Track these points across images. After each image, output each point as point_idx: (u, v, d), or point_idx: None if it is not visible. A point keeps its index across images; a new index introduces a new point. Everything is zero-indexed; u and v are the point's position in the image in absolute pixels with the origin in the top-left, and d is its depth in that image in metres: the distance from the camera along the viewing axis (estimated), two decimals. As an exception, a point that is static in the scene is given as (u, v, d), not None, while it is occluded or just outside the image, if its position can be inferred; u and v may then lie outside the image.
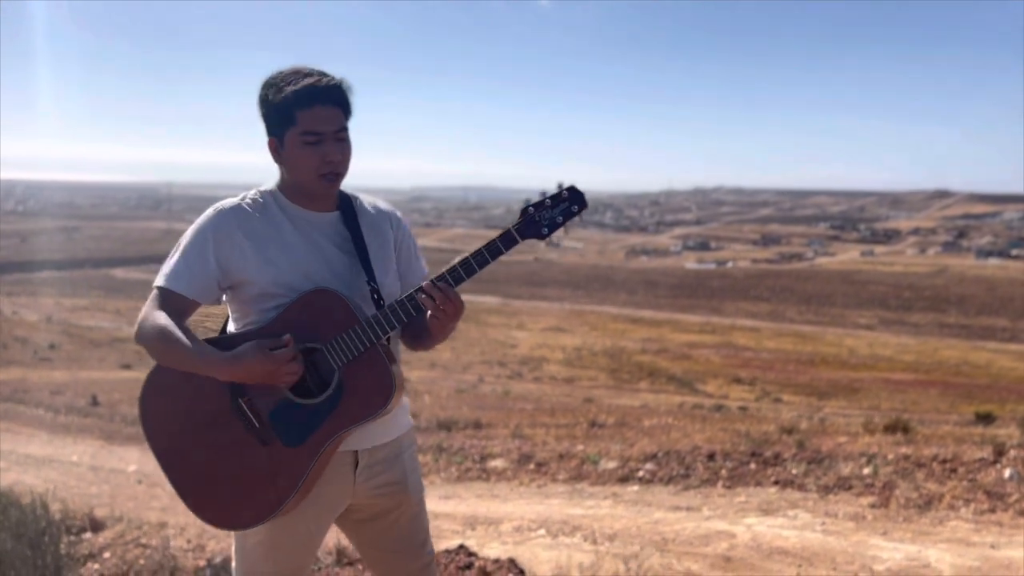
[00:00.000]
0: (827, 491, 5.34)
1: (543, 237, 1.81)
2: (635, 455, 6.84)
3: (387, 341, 1.86)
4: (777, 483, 5.63)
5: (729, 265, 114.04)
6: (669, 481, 6.01)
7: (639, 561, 4.01)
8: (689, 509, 5.21)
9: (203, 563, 3.76)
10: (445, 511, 5.41)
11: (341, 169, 1.85)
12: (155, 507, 5.73)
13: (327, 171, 1.83)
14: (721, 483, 5.80)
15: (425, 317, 1.85)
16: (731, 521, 4.80)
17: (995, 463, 5.57)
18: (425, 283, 1.81)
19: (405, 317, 1.82)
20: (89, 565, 3.80)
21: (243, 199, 1.89)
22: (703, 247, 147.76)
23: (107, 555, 3.94)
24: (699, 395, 31.25)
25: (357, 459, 1.94)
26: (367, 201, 2.02)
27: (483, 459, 7.50)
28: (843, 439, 7.33)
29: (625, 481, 6.17)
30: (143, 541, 4.17)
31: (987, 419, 12.68)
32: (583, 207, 1.82)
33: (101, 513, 4.63)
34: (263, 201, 1.89)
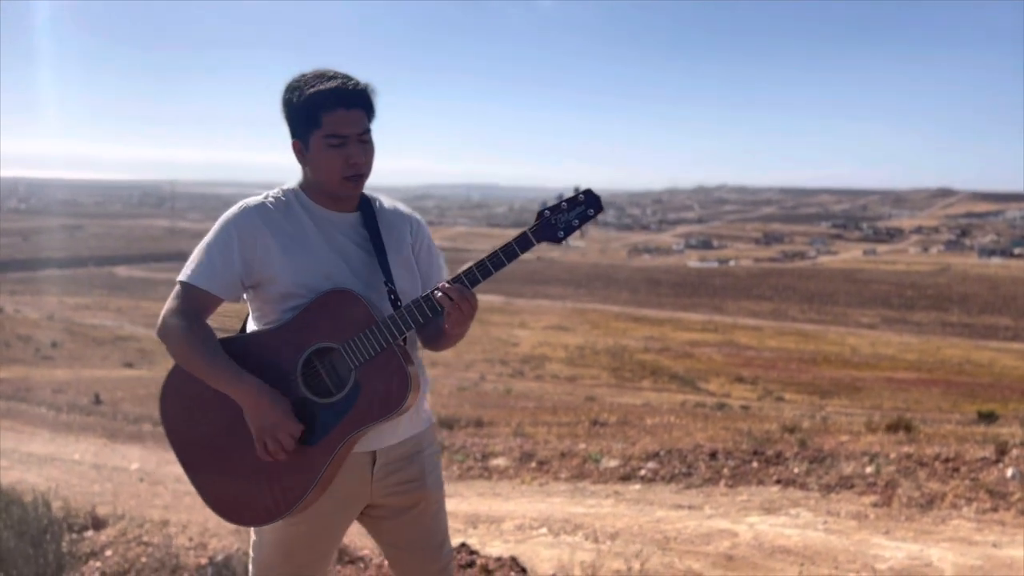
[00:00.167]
0: (829, 490, 5.34)
1: (559, 240, 1.80)
2: (637, 454, 6.84)
3: (404, 341, 1.87)
4: (779, 482, 5.63)
5: (731, 264, 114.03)
6: (671, 480, 6.01)
7: (641, 560, 4.01)
8: (691, 508, 5.21)
9: (205, 561, 3.76)
10: (447, 509, 5.40)
11: (364, 171, 1.87)
12: (157, 505, 5.73)
13: (351, 173, 1.84)
14: (723, 482, 5.80)
15: (441, 318, 1.85)
16: (733, 520, 4.80)
17: (997, 462, 5.56)
18: (441, 283, 1.82)
19: (422, 317, 1.83)
20: (91, 563, 3.80)
21: (267, 197, 1.90)
22: (705, 246, 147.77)
23: (109, 553, 3.94)
24: (701, 394, 31.24)
25: (375, 458, 1.94)
26: (387, 203, 2.03)
27: (485, 457, 7.50)
28: (845, 438, 7.32)
29: (627, 480, 6.17)
30: (145, 539, 4.17)
31: (989, 418, 12.65)
32: (599, 211, 1.82)
33: (103, 511, 4.62)
34: (286, 200, 1.90)
